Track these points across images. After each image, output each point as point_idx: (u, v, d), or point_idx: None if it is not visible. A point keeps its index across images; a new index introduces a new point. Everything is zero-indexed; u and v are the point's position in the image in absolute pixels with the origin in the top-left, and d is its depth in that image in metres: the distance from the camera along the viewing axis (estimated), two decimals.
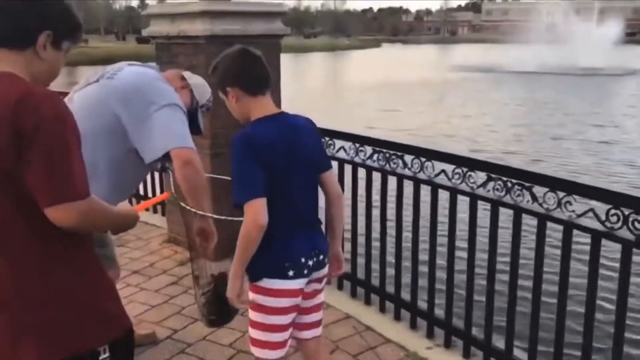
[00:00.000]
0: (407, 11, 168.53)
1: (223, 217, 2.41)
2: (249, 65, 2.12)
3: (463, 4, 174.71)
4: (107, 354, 1.68)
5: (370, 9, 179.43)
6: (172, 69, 2.88)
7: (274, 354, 2.21)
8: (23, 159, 1.44)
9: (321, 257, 2.21)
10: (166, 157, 2.37)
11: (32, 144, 1.43)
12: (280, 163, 2.06)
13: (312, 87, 28.70)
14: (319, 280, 2.27)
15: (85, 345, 1.62)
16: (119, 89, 2.39)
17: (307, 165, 2.18)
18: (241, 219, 2.10)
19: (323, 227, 2.32)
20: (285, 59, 4.83)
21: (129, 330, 1.79)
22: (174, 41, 4.15)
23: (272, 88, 2.20)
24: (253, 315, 2.19)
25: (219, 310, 2.38)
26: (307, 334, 2.34)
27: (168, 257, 4.39)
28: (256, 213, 1.98)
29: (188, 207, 2.42)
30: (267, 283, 2.11)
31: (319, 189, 2.27)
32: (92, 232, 1.69)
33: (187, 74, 2.73)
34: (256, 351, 2.23)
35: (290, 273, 2.10)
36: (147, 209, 4.85)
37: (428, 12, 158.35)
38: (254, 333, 2.21)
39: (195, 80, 2.72)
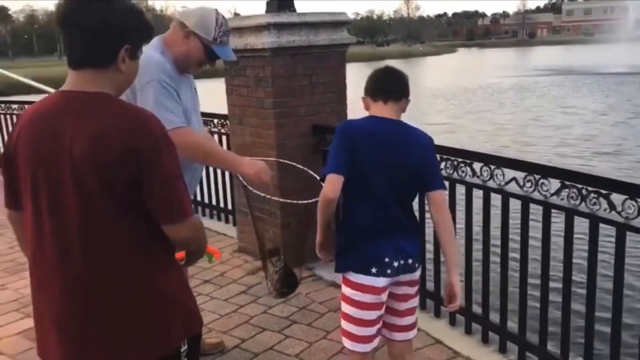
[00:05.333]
0: (483, 15, 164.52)
1: (284, 200, 2.73)
2: (381, 79, 2.35)
3: (542, 5, 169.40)
4: (186, 346, 1.73)
5: (445, 14, 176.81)
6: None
7: (360, 347, 2.31)
8: (136, 176, 1.48)
9: (410, 260, 2.27)
10: None
11: (150, 163, 1.49)
12: (365, 154, 2.18)
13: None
14: (410, 284, 2.34)
15: (176, 341, 1.68)
16: None
17: (402, 173, 2.22)
18: (303, 201, 2.50)
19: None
20: (357, 67, 4.79)
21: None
22: (241, 54, 4.22)
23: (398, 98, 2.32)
24: (343, 306, 2.32)
25: (288, 282, 2.64)
26: (398, 336, 2.42)
27: (238, 266, 4.46)
28: (328, 185, 2.16)
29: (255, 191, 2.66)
30: (353, 277, 2.25)
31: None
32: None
33: (184, 13, 2.61)
34: (345, 341, 2.35)
35: (374, 270, 2.20)
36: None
37: (505, 14, 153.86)
38: (343, 324, 2.34)
39: (194, 20, 2.56)
